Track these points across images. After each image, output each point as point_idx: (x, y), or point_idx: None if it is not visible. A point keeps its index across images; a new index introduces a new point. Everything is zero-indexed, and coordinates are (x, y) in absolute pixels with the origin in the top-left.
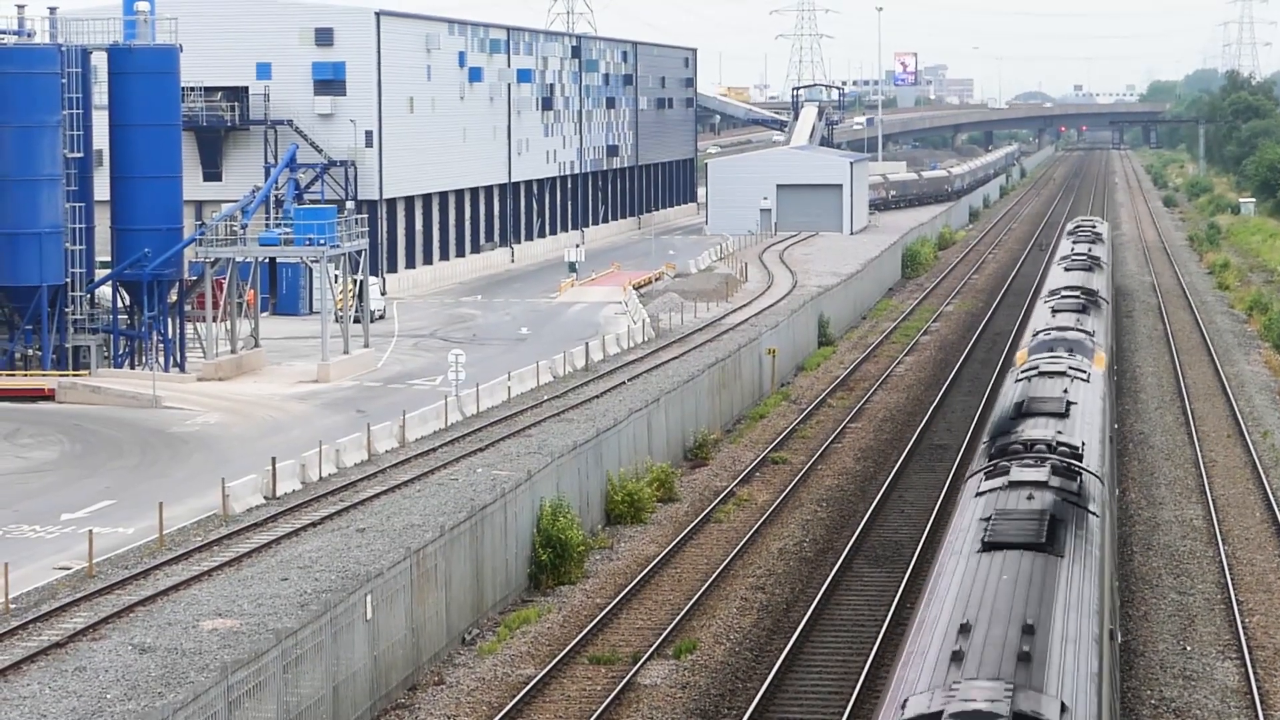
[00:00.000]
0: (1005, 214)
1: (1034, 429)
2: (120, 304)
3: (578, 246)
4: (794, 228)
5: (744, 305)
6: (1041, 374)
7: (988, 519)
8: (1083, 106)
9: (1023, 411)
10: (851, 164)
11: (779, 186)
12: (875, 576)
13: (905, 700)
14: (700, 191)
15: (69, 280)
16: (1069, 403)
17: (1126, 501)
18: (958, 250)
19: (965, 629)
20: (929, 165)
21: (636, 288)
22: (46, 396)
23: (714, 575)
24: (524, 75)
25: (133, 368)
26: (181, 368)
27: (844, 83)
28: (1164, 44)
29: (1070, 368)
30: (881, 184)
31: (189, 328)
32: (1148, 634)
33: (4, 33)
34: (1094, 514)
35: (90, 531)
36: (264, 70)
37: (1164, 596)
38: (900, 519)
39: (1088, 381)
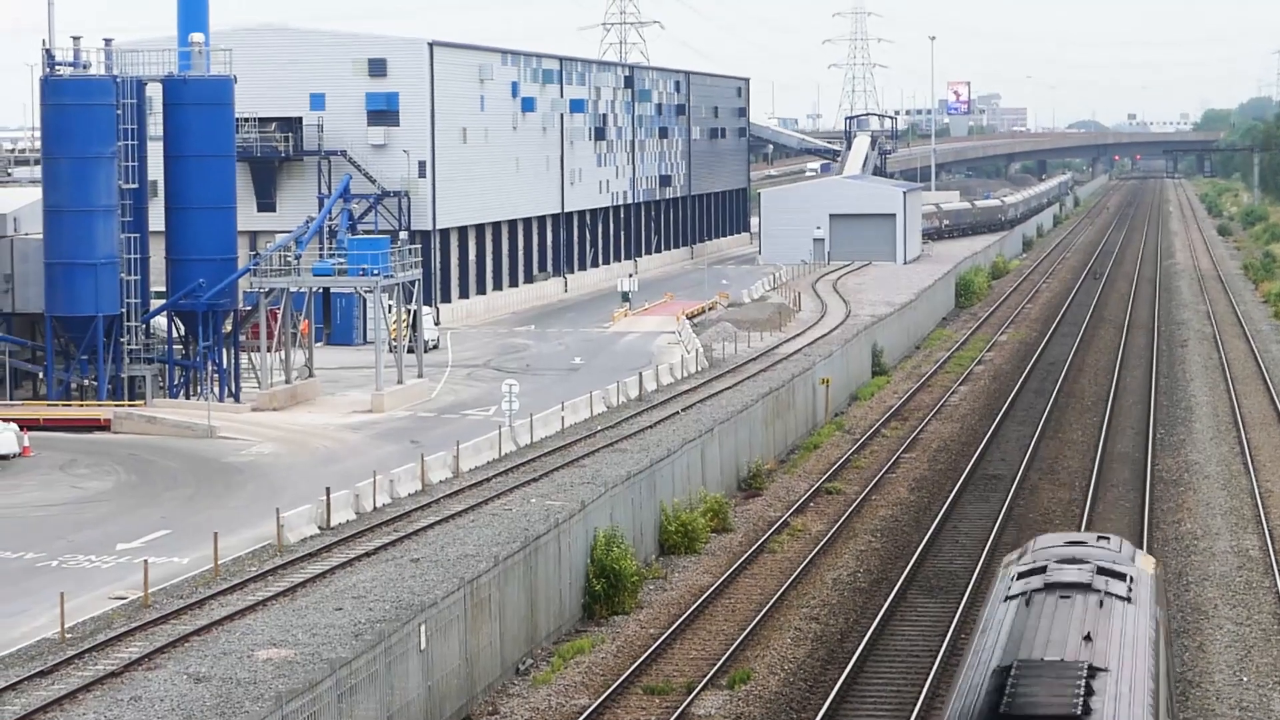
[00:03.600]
0: (1059, 243)
1: None
2: (175, 334)
3: (631, 276)
4: (847, 257)
5: (797, 335)
6: (1050, 589)
7: None
8: (1136, 135)
9: (1006, 692)
10: (904, 193)
11: (832, 216)
12: (929, 607)
13: None
14: (753, 221)
15: (124, 310)
16: (1093, 669)
17: (1182, 532)
18: (1011, 279)
19: None
20: (982, 194)
21: (690, 317)
22: (102, 427)
23: (768, 605)
24: (577, 105)
25: (188, 398)
26: (236, 398)
27: (897, 112)
28: (1218, 72)
29: (1102, 574)
30: (935, 213)
31: (243, 358)
32: (1204, 665)
33: (60, 64)
34: None
35: (145, 561)
36: (318, 101)
37: (1220, 628)
38: (955, 549)
39: (1130, 602)
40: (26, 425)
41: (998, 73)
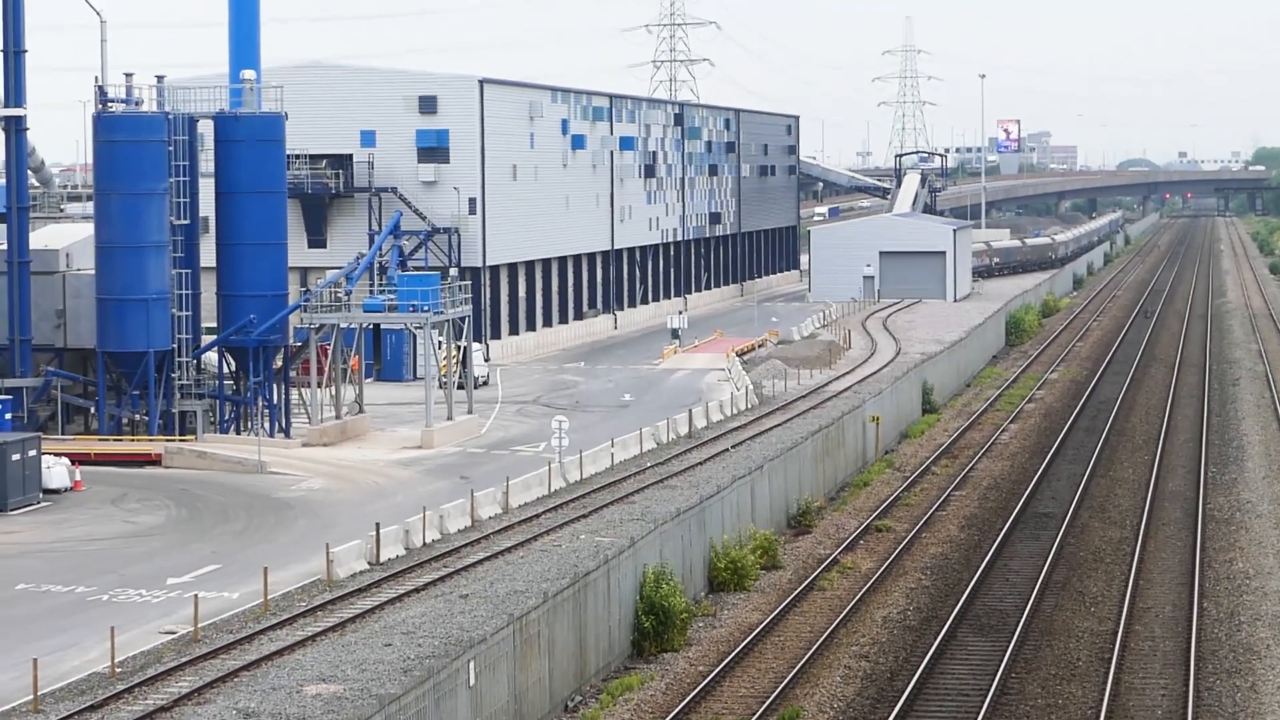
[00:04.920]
0: (1109, 281)
1: None
2: (226, 369)
3: (680, 313)
4: (897, 295)
5: (847, 372)
6: None
7: None
8: (1187, 173)
9: None
10: (954, 231)
11: (882, 253)
12: (980, 646)
13: None
14: (803, 258)
15: (175, 346)
16: None
17: (1234, 571)
18: (1062, 317)
19: None
20: (1032, 232)
21: (739, 354)
22: (153, 461)
23: (817, 643)
24: (627, 143)
25: (238, 433)
26: (286, 433)
27: (947, 149)
28: (1270, 109)
29: None
30: (985, 251)
31: (294, 393)
32: (1255, 706)
33: (113, 101)
34: None
35: (196, 596)
36: (368, 138)
37: (1272, 668)
38: (1005, 588)
39: None
40: (78, 460)
41: (1048, 110)
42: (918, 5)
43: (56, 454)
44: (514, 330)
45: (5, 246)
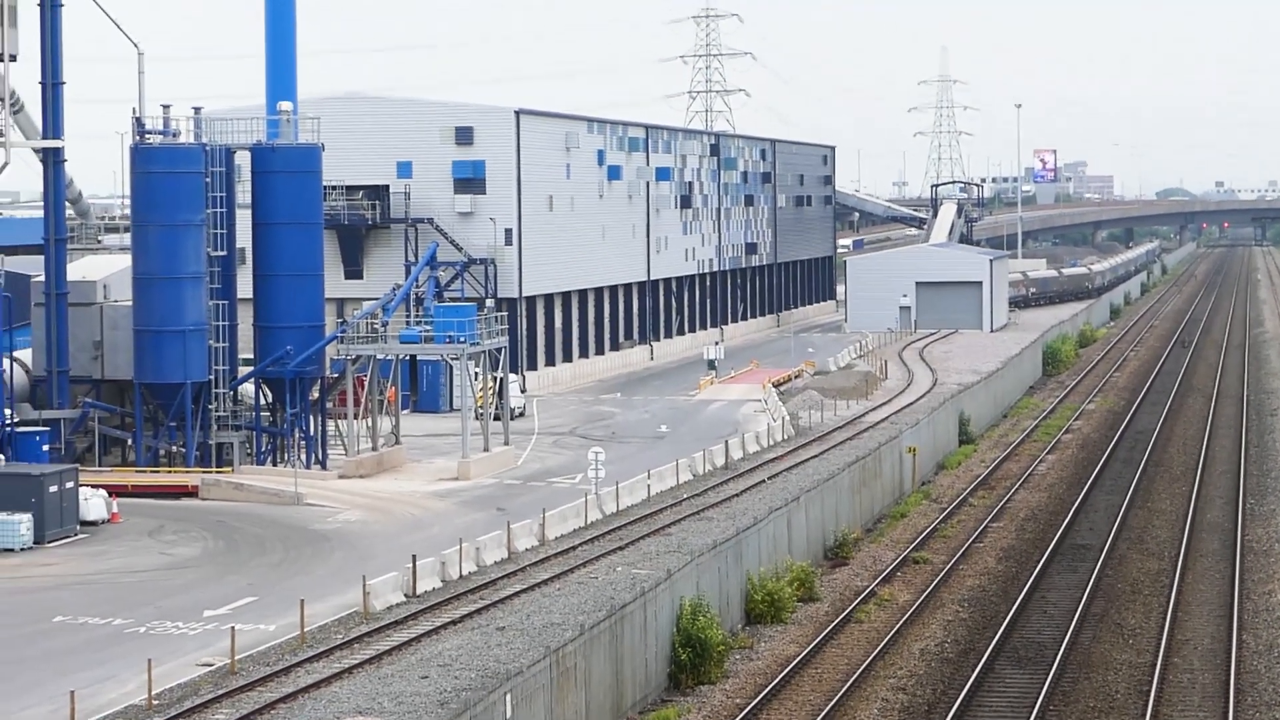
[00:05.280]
0: (1147, 311)
1: None
2: (263, 401)
3: (717, 344)
4: (933, 325)
5: (884, 403)
6: None
7: None
8: (1224, 202)
9: None
10: (991, 261)
11: (918, 284)
12: (1018, 678)
13: None
14: (839, 289)
15: (212, 377)
16: None
17: (1273, 603)
18: (1099, 347)
19: None
20: (1069, 262)
21: (776, 385)
22: (190, 493)
23: (854, 676)
24: (663, 173)
25: (275, 464)
26: (323, 465)
27: (983, 179)
28: None
29: None
30: (1021, 281)
31: (330, 425)
32: None
33: (150, 133)
34: None
35: (233, 628)
36: (404, 169)
37: None
38: (1043, 620)
39: None
40: (115, 491)
41: (1084, 140)
42: (954, 35)
43: (94, 486)
44: (550, 361)
45: (43, 278)
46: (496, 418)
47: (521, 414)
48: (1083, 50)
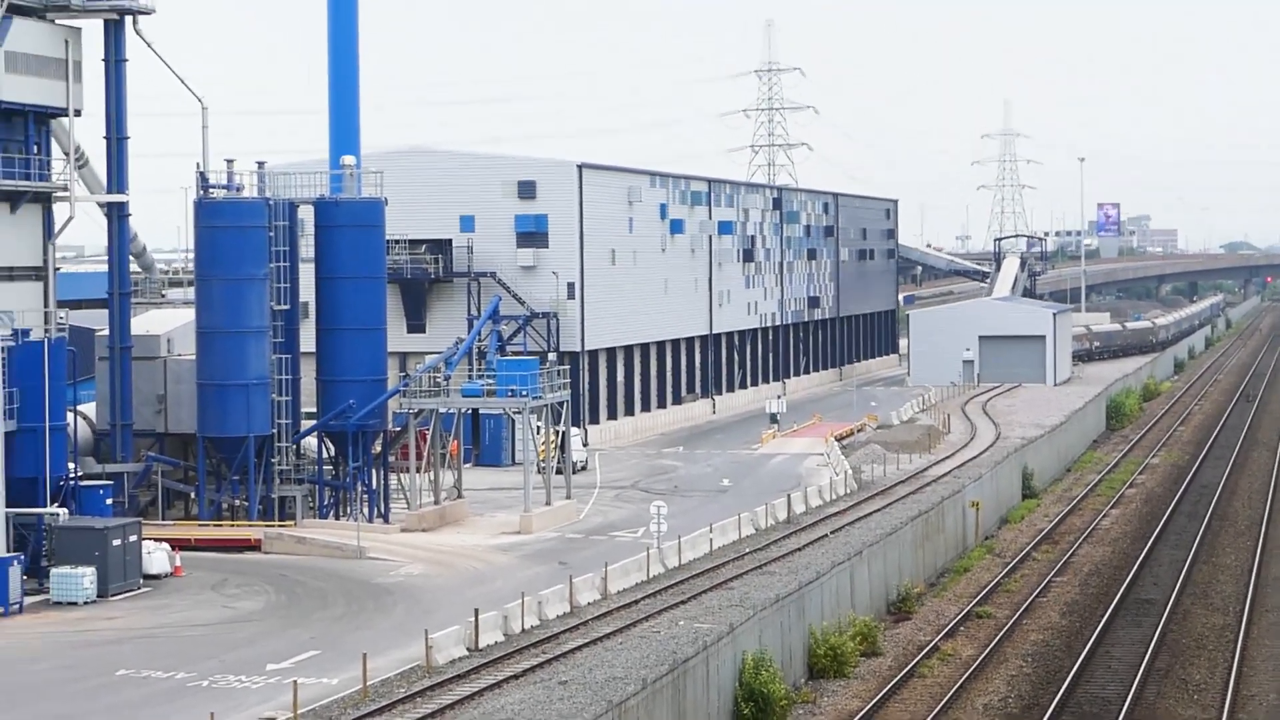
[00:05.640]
0: (1211, 365)
1: None
2: (325, 454)
3: (779, 398)
4: (997, 379)
5: (947, 457)
6: None
7: None
8: None
9: None
10: (1054, 315)
11: (981, 338)
12: None
13: None
14: (902, 342)
15: (275, 431)
16: None
17: None
18: (1163, 401)
19: None
20: (1133, 316)
21: (838, 439)
22: (253, 547)
23: None
24: (725, 227)
25: (338, 518)
26: (385, 518)
27: (1046, 233)
28: None
29: None
30: (1085, 335)
31: (393, 478)
32: None
33: (214, 187)
34: None
35: (295, 682)
36: (467, 223)
37: None
38: (1107, 675)
39: None
40: (178, 545)
41: (1148, 194)
42: (1017, 89)
43: (157, 539)
44: (612, 415)
45: (107, 332)
46: (559, 471)
47: (584, 467)
48: (1147, 104)
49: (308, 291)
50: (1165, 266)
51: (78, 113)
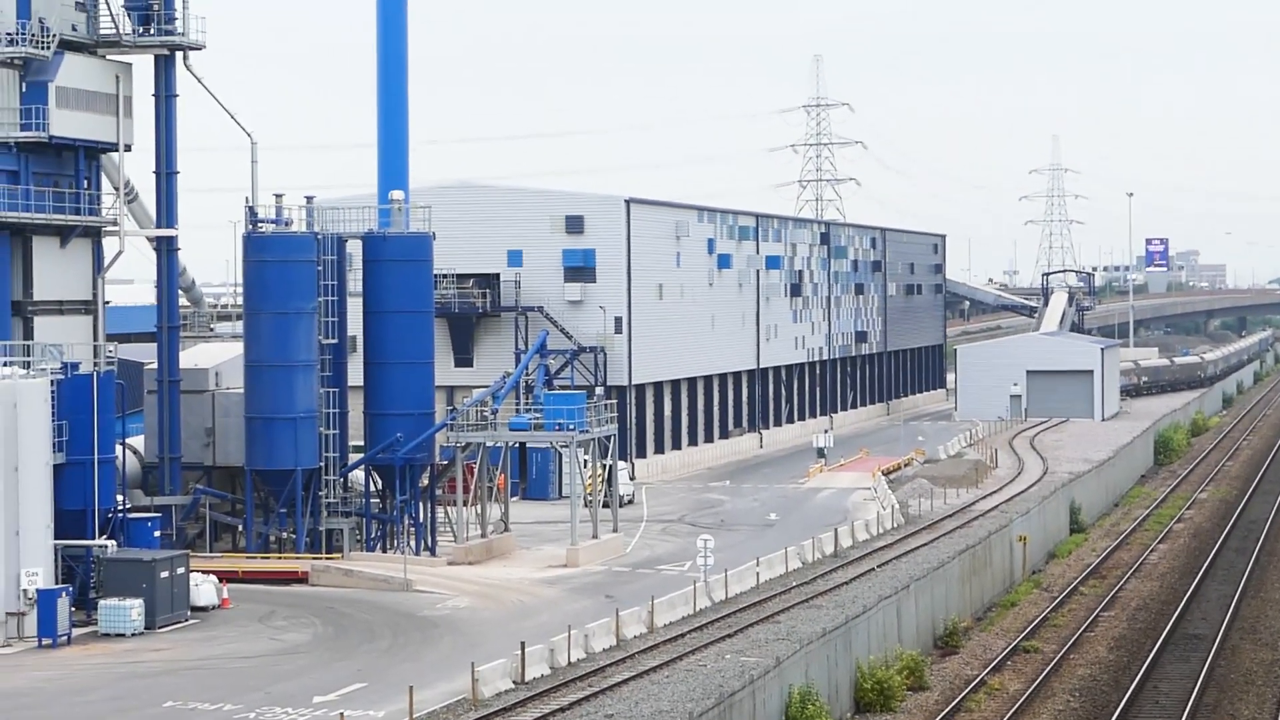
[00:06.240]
0: (1259, 400)
1: None
2: (373, 488)
3: (826, 432)
4: (1044, 413)
5: (994, 491)
6: None
7: None
8: None
9: None
10: (1102, 350)
11: (1029, 372)
12: None
13: None
14: (949, 377)
15: (323, 464)
16: None
17: None
18: (1211, 436)
19: None
20: (1181, 351)
21: (885, 473)
22: (300, 579)
23: None
24: (773, 262)
25: (385, 551)
26: (432, 551)
27: (1094, 268)
28: None
29: None
30: (1133, 370)
31: (440, 511)
32: None
33: (263, 221)
34: None
35: (342, 714)
36: (515, 257)
37: None
38: (1155, 710)
39: None
40: (226, 577)
41: (1196, 229)
42: (1065, 124)
43: (205, 571)
44: (659, 449)
45: (156, 365)
46: (605, 505)
47: (630, 501)
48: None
49: (356, 325)
50: (1214, 301)
51: (128, 147)
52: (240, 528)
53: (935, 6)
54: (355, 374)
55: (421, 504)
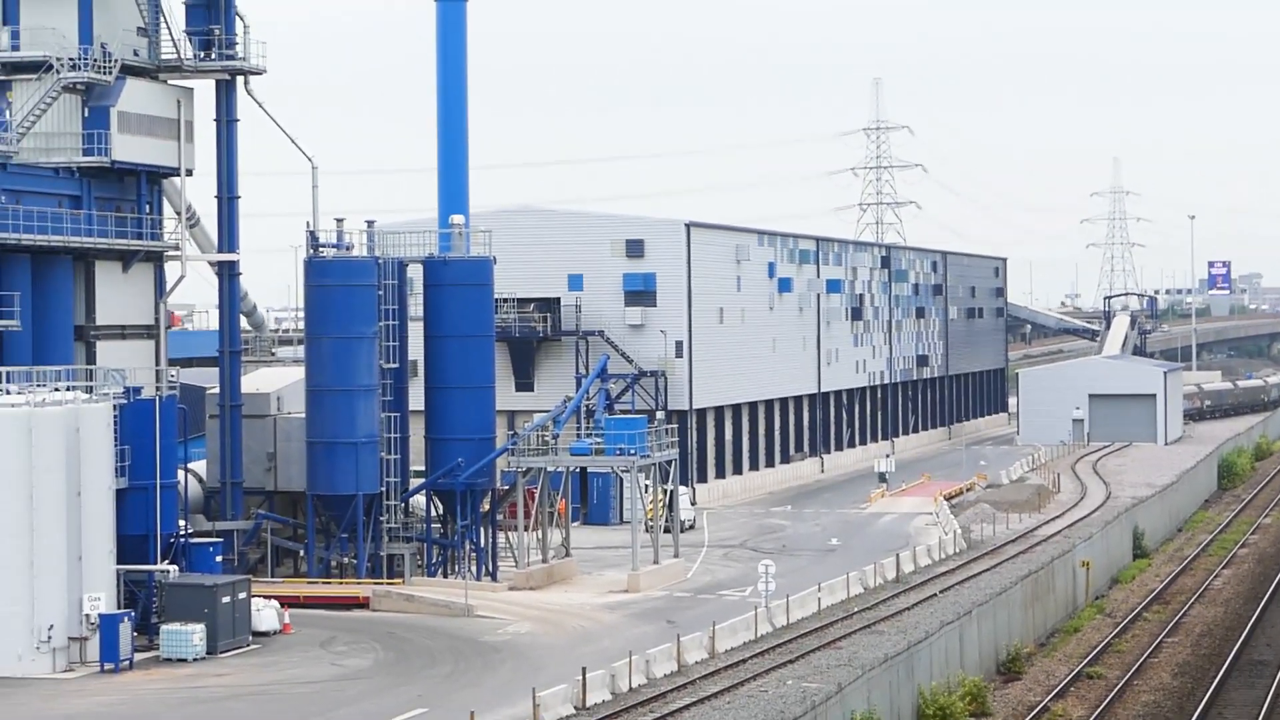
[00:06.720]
0: None
1: None
2: (434, 513)
3: (888, 457)
4: (1107, 438)
5: (1057, 516)
6: None
7: None
8: None
9: None
10: (1165, 373)
11: (1091, 396)
12: None
13: None
14: (1011, 401)
15: (384, 489)
16: None
17: None
18: (1275, 461)
19: None
20: (1245, 374)
21: (947, 498)
22: (361, 604)
23: None
24: (833, 285)
25: (446, 576)
26: (493, 576)
27: (1156, 291)
28: None
29: None
30: (1196, 393)
31: (501, 536)
32: None
33: (324, 246)
34: None
35: None
36: (576, 281)
37: None
38: None
39: None
40: (287, 602)
41: (1259, 252)
42: (1126, 147)
43: (266, 596)
44: (720, 474)
45: (218, 390)
46: (666, 530)
47: (691, 526)
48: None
49: (416, 350)
50: (1277, 324)
51: (189, 172)
52: (301, 553)
53: (996, 29)
54: (416, 399)
55: (482, 529)
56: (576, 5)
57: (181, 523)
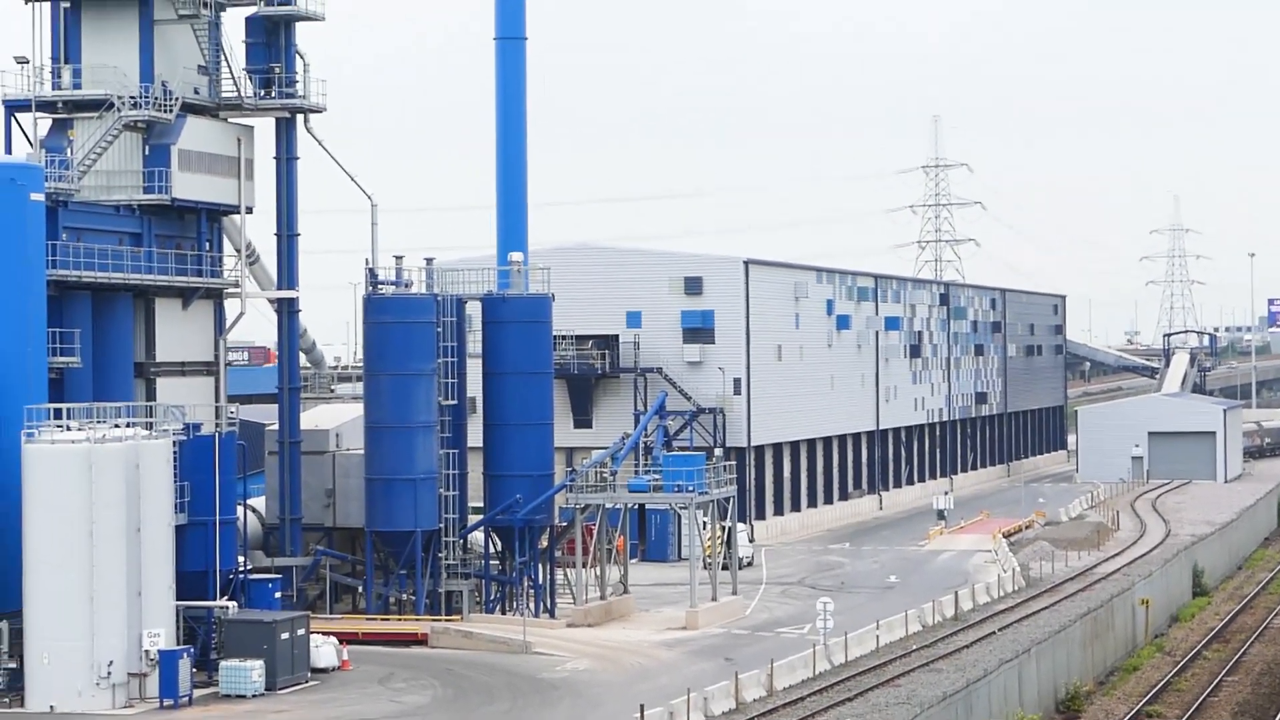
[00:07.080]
0: None
1: None
2: (492, 549)
3: (946, 494)
4: (1166, 475)
5: (1116, 554)
6: None
7: None
8: None
9: None
10: (1225, 411)
11: (1150, 434)
12: None
13: None
14: (1070, 438)
15: (442, 526)
16: None
17: None
18: None
19: None
20: None
21: (1006, 536)
22: (419, 641)
23: None
24: (892, 323)
25: (504, 613)
26: (551, 613)
27: (1216, 328)
28: None
29: None
30: (1256, 431)
31: (559, 573)
32: None
33: (383, 283)
34: None
35: None
36: (634, 319)
37: None
38: None
39: None
40: (346, 639)
41: None
42: (1186, 184)
43: (325, 633)
44: (779, 511)
45: (277, 426)
46: (725, 567)
47: (750, 563)
48: None
49: (475, 387)
50: None
51: (249, 210)
52: (360, 589)
53: (1053, 66)
54: (475, 435)
55: (540, 565)
56: (637, 45)
57: (240, 559)
